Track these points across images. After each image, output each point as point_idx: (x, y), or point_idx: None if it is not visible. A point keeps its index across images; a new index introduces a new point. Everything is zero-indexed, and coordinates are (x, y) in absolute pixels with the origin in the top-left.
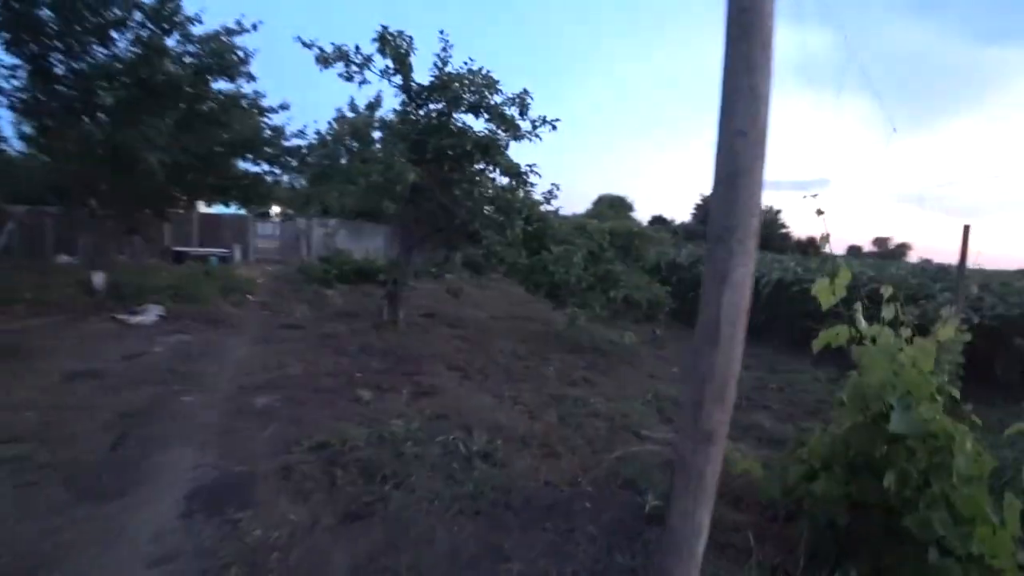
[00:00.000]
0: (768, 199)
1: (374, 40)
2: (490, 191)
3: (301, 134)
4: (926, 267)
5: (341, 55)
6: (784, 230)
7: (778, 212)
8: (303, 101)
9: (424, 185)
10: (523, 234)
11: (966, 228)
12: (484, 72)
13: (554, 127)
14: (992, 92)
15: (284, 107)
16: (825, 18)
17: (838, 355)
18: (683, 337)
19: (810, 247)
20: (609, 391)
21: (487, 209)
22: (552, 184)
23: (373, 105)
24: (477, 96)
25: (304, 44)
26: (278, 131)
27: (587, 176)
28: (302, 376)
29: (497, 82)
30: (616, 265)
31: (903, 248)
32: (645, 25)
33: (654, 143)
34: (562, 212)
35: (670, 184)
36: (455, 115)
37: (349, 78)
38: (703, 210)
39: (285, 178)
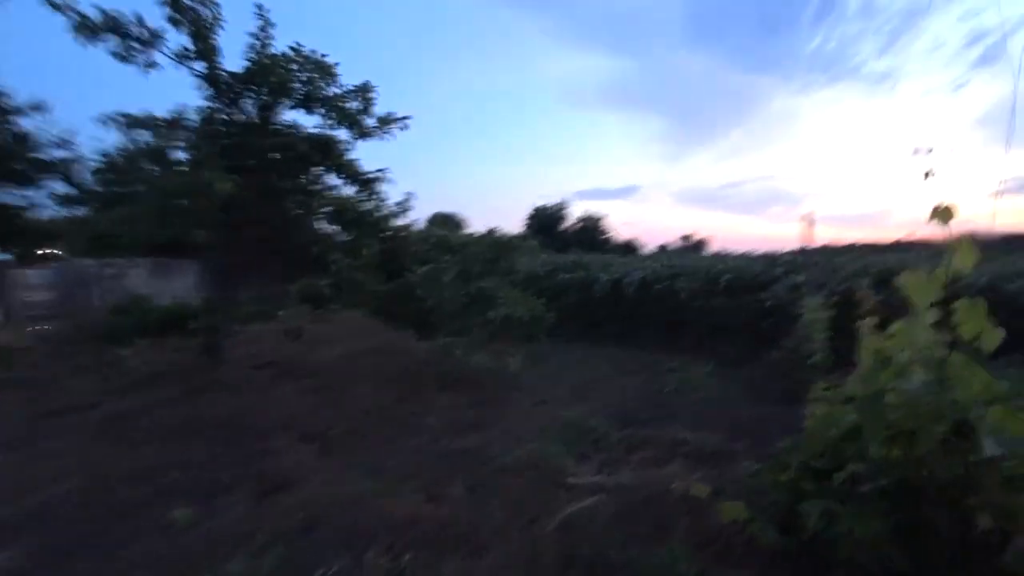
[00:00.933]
0: (589, 207)
1: (162, 2)
2: (333, 203)
3: (66, 144)
4: (755, 256)
5: (113, 25)
6: (605, 234)
7: (600, 218)
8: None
9: (244, 200)
10: (379, 255)
11: (810, 215)
12: (316, 56)
13: (405, 125)
14: (752, 110)
15: (38, 108)
16: (622, 47)
17: (711, 347)
18: (560, 353)
19: (629, 249)
20: (507, 431)
21: (331, 227)
22: (406, 193)
23: (175, 121)
24: (309, 86)
25: (54, 5)
26: (24, 140)
27: (417, 196)
28: (77, 495)
29: (333, 67)
30: (491, 281)
31: (703, 243)
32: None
33: (477, 156)
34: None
35: (500, 196)
36: (281, 110)
37: (125, 58)
38: (536, 220)
39: (55, 207)
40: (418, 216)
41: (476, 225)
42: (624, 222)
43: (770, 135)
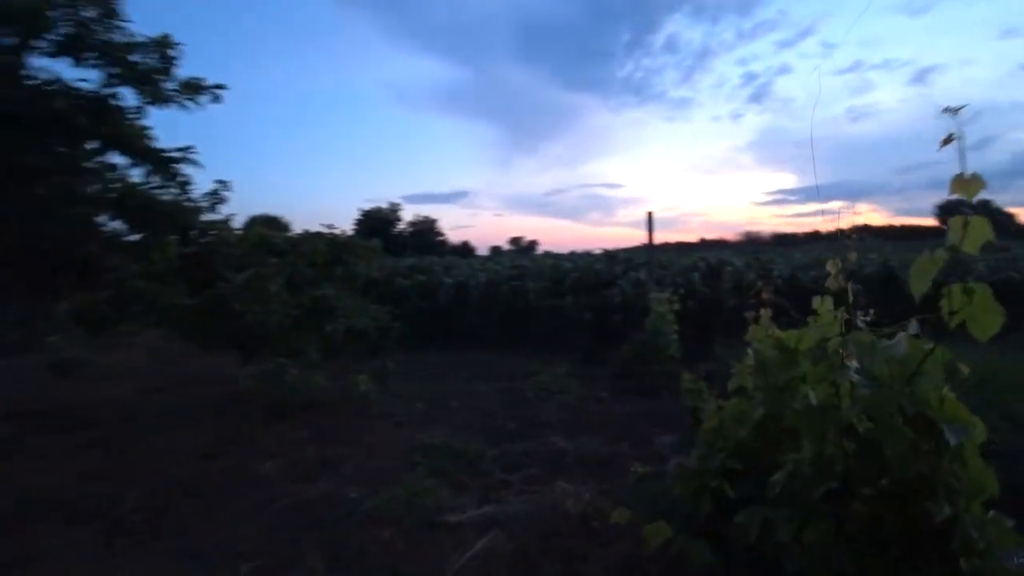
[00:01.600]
0: (420, 210)
1: None
2: (114, 189)
3: None
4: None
5: None
6: (440, 237)
7: (434, 221)
8: None
9: None
10: (181, 259)
11: (650, 215)
12: None
13: (217, 96)
14: (572, 124)
15: None
16: (457, 55)
17: (563, 346)
18: (409, 365)
19: (465, 251)
20: (364, 466)
21: (110, 222)
22: (217, 182)
23: None
24: (79, 27)
25: None
26: None
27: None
28: None
29: (115, 6)
30: (329, 289)
31: (533, 244)
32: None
33: (304, 156)
34: None
35: (328, 199)
36: (33, 55)
37: None
38: (367, 223)
39: None
40: (234, 217)
41: (300, 227)
42: (455, 226)
43: (589, 147)
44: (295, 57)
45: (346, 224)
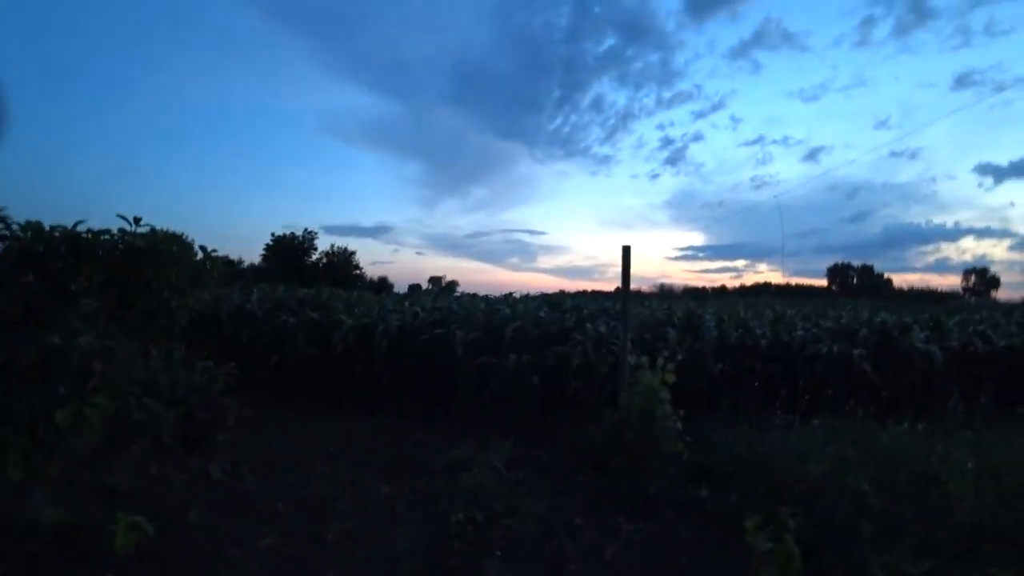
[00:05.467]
0: (340, 242)
1: None
2: None
3: None
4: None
5: None
6: (358, 270)
7: (352, 253)
8: None
9: None
10: None
11: (626, 249)
12: None
13: None
14: (499, 170)
15: None
16: (390, 90)
17: (499, 417)
18: (276, 442)
19: (382, 287)
20: None
21: None
22: None
23: None
24: None
25: None
26: None
27: (123, 205)
28: None
29: None
30: (88, 334)
31: (453, 284)
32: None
33: (220, 177)
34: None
35: (243, 224)
36: None
37: None
38: (278, 250)
39: None
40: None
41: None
42: (375, 261)
43: (514, 194)
44: (214, 70)
45: (257, 251)
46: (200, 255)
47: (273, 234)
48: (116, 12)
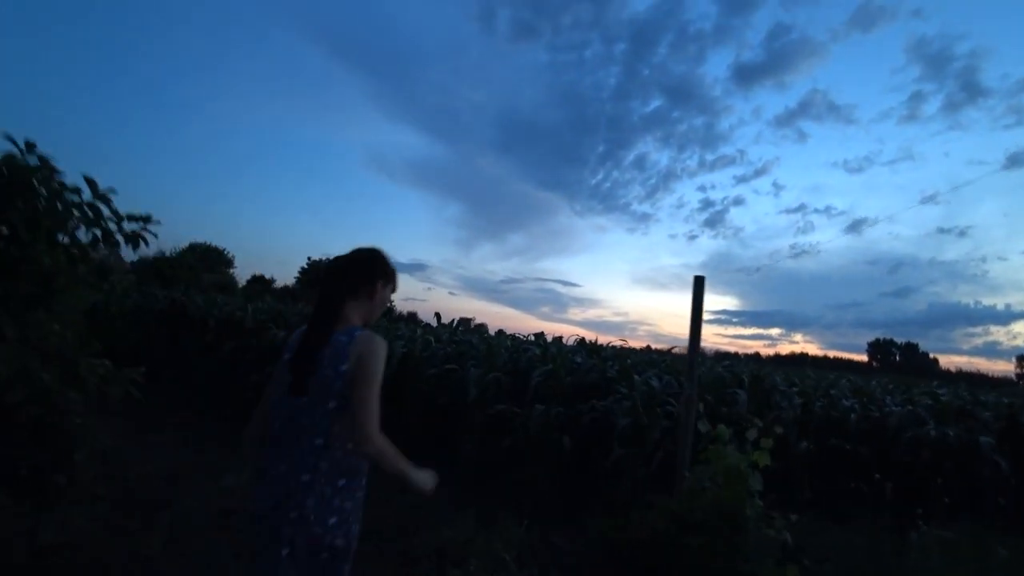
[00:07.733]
0: None
1: None
2: None
3: None
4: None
5: None
6: (388, 303)
7: None
8: None
9: None
10: None
11: (699, 280)
12: None
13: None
14: (538, 219)
15: None
16: (438, 132)
17: (511, 486)
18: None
19: (410, 322)
20: None
21: None
22: None
23: None
24: None
25: None
26: None
27: (177, 221)
28: None
29: None
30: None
31: (482, 327)
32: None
33: (266, 201)
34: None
35: (282, 247)
36: None
37: None
38: (309, 274)
39: None
40: (176, 238)
41: (244, 267)
42: (407, 297)
43: (550, 243)
44: (277, 100)
45: (291, 273)
46: (86, 193)
47: (309, 258)
48: (193, 42)
